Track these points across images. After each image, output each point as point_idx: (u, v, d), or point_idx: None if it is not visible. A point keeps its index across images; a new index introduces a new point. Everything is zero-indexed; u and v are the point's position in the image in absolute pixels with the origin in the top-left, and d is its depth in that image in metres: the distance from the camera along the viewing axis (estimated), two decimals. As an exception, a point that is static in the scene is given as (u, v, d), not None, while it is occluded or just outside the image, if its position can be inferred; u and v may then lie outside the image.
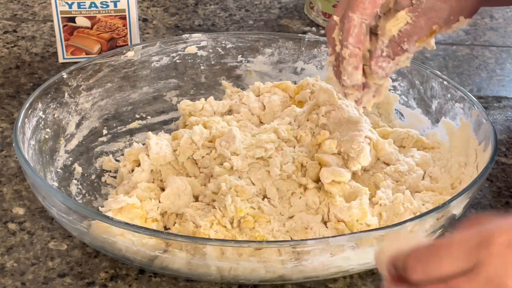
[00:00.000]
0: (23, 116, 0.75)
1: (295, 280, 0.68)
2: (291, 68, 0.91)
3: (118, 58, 0.87)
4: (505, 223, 0.47)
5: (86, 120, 0.84)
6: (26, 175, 0.70)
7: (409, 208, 0.71)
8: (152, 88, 0.89)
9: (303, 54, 0.90)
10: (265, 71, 0.91)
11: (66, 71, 0.83)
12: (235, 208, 0.70)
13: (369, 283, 0.69)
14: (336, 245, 0.64)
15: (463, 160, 0.76)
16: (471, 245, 0.46)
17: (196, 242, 0.64)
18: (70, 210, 0.66)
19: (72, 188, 0.78)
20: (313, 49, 0.90)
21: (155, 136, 0.78)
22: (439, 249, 0.47)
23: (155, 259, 0.66)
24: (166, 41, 0.89)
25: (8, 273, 0.69)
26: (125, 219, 0.70)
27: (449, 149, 0.80)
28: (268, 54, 0.91)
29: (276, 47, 0.90)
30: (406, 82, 0.86)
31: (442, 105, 0.82)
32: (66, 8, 0.95)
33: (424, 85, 0.84)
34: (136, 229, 0.64)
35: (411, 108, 0.86)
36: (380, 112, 0.86)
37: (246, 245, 0.64)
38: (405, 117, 0.86)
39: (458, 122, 0.80)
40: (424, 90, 0.84)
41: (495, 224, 0.47)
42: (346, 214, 0.71)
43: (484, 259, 0.46)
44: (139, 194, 0.73)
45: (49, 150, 0.78)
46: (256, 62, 0.91)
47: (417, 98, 0.85)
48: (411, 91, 0.86)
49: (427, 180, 0.77)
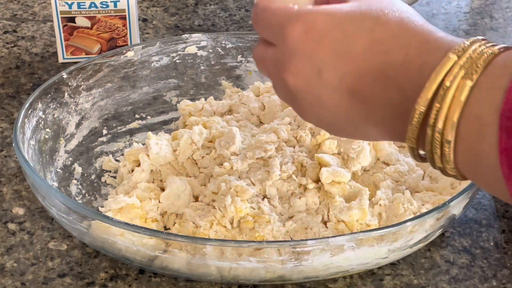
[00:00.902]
0: (23, 116, 0.75)
1: (295, 280, 0.68)
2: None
3: (118, 58, 0.87)
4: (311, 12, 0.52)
5: (86, 120, 0.84)
6: (26, 175, 0.70)
7: (409, 208, 0.71)
8: (152, 88, 0.89)
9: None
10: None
11: (66, 71, 0.83)
12: (235, 208, 0.70)
13: (369, 283, 0.69)
14: (336, 245, 0.64)
15: (463, 160, 0.76)
16: (277, 22, 0.53)
17: (196, 242, 0.64)
18: (70, 210, 0.66)
19: (72, 188, 0.78)
20: (313, 49, 0.90)
21: (155, 136, 0.78)
22: (260, 13, 0.54)
23: (155, 259, 0.66)
24: (166, 41, 0.89)
25: (8, 273, 0.69)
26: (125, 219, 0.70)
27: (449, 149, 0.79)
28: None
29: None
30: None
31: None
32: (66, 8, 0.95)
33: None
34: (136, 229, 0.64)
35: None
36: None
37: (246, 245, 0.64)
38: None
39: (458, 122, 0.80)
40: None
41: (301, 11, 0.52)
42: (346, 214, 0.71)
43: (280, 41, 0.53)
44: (139, 194, 0.73)
45: (49, 150, 0.78)
46: (256, 62, 0.91)
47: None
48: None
49: (427, 180, 0.77)
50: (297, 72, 0.52)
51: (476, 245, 0.74)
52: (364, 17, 0.51)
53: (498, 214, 0.77)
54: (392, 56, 0.50)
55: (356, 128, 0.54)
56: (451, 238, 0.74)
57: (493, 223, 0.76)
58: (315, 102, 0.53)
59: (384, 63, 0.50)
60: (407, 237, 0.66)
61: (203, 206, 0.73)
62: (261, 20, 0.55)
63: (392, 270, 0.71)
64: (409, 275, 0.70)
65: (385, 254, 0.67)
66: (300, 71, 0.52)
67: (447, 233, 0.75)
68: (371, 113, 0.52)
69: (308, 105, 0.54)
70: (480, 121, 0.45)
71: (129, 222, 0.68)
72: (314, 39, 0.51)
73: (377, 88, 0.50)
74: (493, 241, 0.74)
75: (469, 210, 0.77)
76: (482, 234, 0.75)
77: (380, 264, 0.69)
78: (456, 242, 0.74)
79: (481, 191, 0.79)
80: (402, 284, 0.69)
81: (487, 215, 0.77)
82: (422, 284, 0.69)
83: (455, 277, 0.70)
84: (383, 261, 0.68)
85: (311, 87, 0.52)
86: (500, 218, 0.77)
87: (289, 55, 0.52)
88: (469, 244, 0.74)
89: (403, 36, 0.50)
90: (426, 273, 0.70)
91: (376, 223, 0.71)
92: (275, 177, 0.74)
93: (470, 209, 0.78)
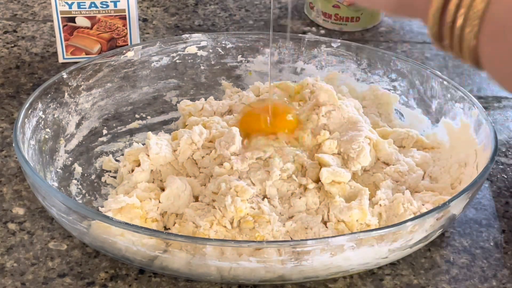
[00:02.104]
0: (23, 116, 0.75)
1: (295, 280, 0.68)
2: (291, 68, 0.91)
3: (118, 58, 0.87)
4: None
5: (86, 120, 0.84)
6: (26, 175, 0.70)
7: (409, 208, 0.71)
8: (152, 88, 0.89)
9: (303, 54, 0.90)
10: (265, 71, 0.91)
11: (66, 71, 0.83)
12: (235, 208, 0.70)
13: (369, 283, 0.69)
14: (336, 245, 0.64)
15: (463, 160, 0.76)
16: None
17: (196, 242, 0.64)
18: (70, 210, 0.66)
19: (72, 188, 0.78)
20: (313, 49, 0.90)
21: (155, 136, 0.78)
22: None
23: (155, 259, 0.66)
24: (166, 41, 0.89)
25: (8, 273, 0.69)
26: (125, 219, 0.70)
27: (449, 149, 0.80)
28: (268, 54, 0.90)
29: (276, 47, 0.90)
30: (406, 82, 0.86)
31: (442, 105, 0.82)
32: (66, 8, 0.95)
33: (424, 85, 0.84)
34: (136, 229, 0.64)
35: (411, 108, 0.86)
36: (380, 112, 0.86)
37: (246, 245, 0.64)
38: (405, 117, 0.86)
39: (458, 122, 0.80)
40: (424, 90, 0.84)
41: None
42: (346, 214, 0.71)
43: None
44: (139, 194, 0.73)
45: (49, 150, 0.78)
46: (256, 62, 0.91)
47: (417, 98, 0.85)
48: (411, 91, 0.86)
49: (427, 180, 0.77)
50: None
51: (476, 245, 0.74)
52: None
53: (498, 214, 0.77)
54: None
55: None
56: (451, 238, 0.74)
57: (493, 223, 0.76)
58: None
59: None
60: (407, 237, 0.66)
61: (203, 206, 0.73)
62: None
63: (392, 270, 0.71)
64: (409, 275, 0.70)
65: (385, 254, 0.67)
66: None
67: (447, 233, 0.75)
68: None
69: None
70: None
71: (129, 222, 0.68)
72: None
73: None
74: (493, 241, 0.74)
75: (469, 210, 0.77)
76: (482, 234, 0.75)
77: (380, 264, 0.69)
78: (456, 242, 0.74)
79: (481, 192, 0.79)
80: (402, 284, 0.69)
81: (487, 215, 0.77)
82: (422, 284, 0.69)
83: (455, 277, 0.70)
84: (383, 261, 0.68)
85: None
86: (500, 218, 0.77)
87: None
88: (469, 244, 0.74)
89: None
90: (426, 273, 0.70)
91: (376, 223, 0.71)
92: (275, 177, 0.74)
93: (470, 209, 0.78)
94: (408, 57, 0.96)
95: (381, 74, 0.88)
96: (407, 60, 0.86)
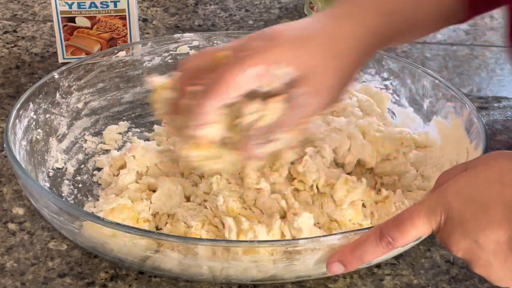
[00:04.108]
0: (14, 116, 0.75)
1: (287, 279, 0.68)
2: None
3: (109, 58, 0.86)
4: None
5: (77, 120, 0.84)
6: (17, 176, 0.70)
7: (401, 207, 0.71)
8: (144, 88, 0.88)
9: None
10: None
11: (57, 71, 0.82)
12: (226, 208, 0.70)
13: (369, 283, 0.69)
14: (327, 244, 0.63)
15: (454, 158, 0.76)
16: (428, 217, 0.59)
17: (187, 242, 0.64)
18: (61, 210, 0.66)
19: (64, 188, 0.78)
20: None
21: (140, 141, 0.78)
22: (404, 223, 0.59)
23: (146, 259, 0.66)
24: (158, 40, 0.89)
25: (8, 273, 0.69)
26: (116, 219, 0.70)
27: (440, 148, 0.79)
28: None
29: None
30: (397, 81, 0.86)
31: (433, 104, 0.82)
32: (66, 8, 0.95)
33: (415, 84, 0.84)
34: (127, 230, 0.64)
35: (403, 107, 0.86)
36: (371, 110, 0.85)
37: (237, 245, 0.64)
38: (397, 116, 0.86)
39: (449, 121, 0.80)
40: (416, 89, 0.84)
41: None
42: (339, 214, 0.71)
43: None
44: (131, 195, 0.73)
45: (41, 151, 0.78)
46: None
47: (409, 97, 0.85)
48: (402, 90, 0.86)
49: (419, 179, 0.77)
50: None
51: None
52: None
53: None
54: None
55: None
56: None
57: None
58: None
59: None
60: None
61: (195, 206, 0.73)
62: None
63: (392, 270, 0.70)
64: (409, 275, 0.70)
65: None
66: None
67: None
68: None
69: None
70: None
71: (120, 222, 0.68)
72: None
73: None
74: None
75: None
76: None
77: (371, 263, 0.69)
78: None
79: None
80: (402, 284, 0.69)
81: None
82: (422, 284, 0.69)
83: (455, 277, 0.70)
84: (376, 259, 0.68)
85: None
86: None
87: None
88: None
89: None
90: (426, 273, 0.70)
91: (368, 223, 0.70)
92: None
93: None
94: (408, 57, 0.96)
95: (373, 73, 0.87)
96: (399, 60, 0.86)
